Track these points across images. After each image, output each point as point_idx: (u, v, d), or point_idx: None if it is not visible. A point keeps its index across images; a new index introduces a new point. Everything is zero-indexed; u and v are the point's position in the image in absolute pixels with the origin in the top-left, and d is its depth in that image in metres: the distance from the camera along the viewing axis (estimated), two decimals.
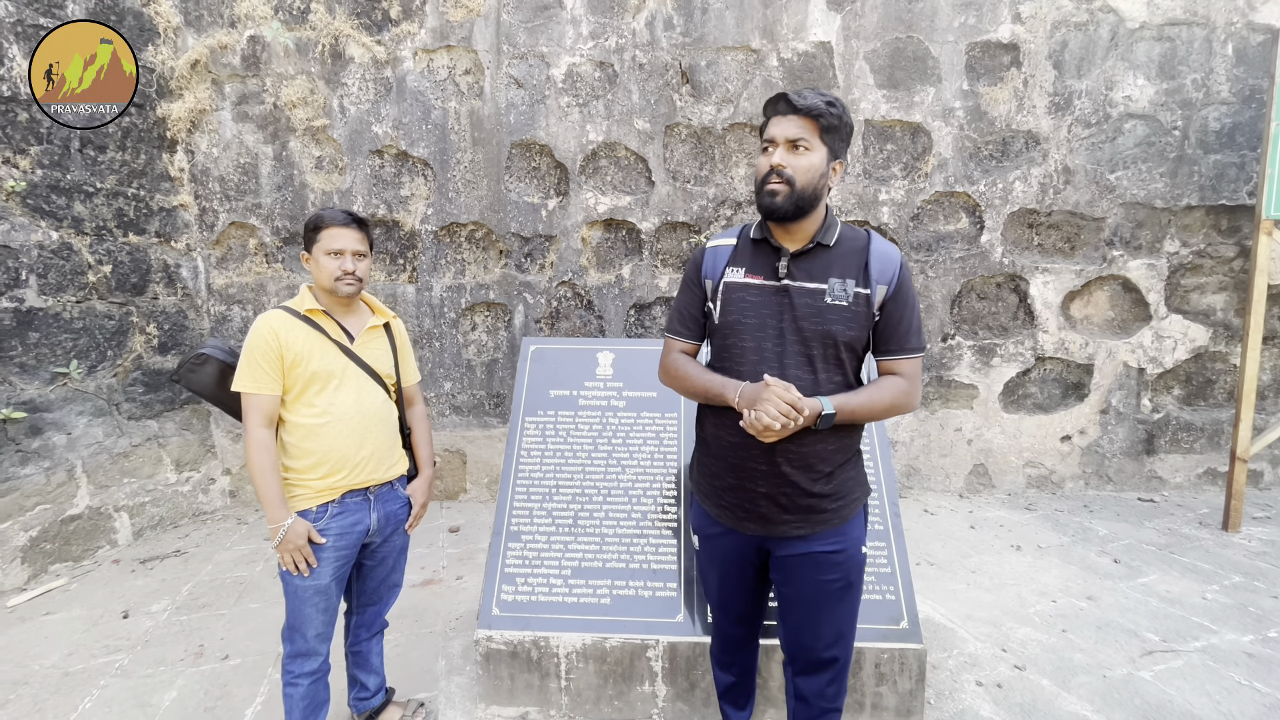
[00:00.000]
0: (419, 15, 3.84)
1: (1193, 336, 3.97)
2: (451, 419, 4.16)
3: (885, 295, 1.37)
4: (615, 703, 2.02)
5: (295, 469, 1.65)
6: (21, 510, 3.05)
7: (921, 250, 3.98)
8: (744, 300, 1.41)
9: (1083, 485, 4.10)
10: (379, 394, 1.75)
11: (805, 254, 1.39)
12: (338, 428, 1.65)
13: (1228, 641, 2.40)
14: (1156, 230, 3.92)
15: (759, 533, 1.44)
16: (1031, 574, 2.99)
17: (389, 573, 1.90)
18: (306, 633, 1.67)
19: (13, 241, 3.05)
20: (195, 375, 1.70)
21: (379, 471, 1.74)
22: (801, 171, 1.31)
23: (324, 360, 1.65)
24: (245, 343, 1.62)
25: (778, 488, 1.38)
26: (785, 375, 1.35)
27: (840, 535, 1.43)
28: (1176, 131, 3.82)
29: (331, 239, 1.66)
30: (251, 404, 1.60)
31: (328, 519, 1.66)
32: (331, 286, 1.68)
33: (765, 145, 1.37)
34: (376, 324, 1.80)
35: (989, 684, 2.18)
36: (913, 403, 1.41)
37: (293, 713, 1.71)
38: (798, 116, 1.32)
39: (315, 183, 3.98)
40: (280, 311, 1.66)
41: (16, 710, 2.13)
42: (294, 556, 1.59)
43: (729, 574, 1.56)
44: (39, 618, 2.74)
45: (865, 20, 3.80)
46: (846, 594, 1.46)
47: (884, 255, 1.39)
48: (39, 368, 3.16)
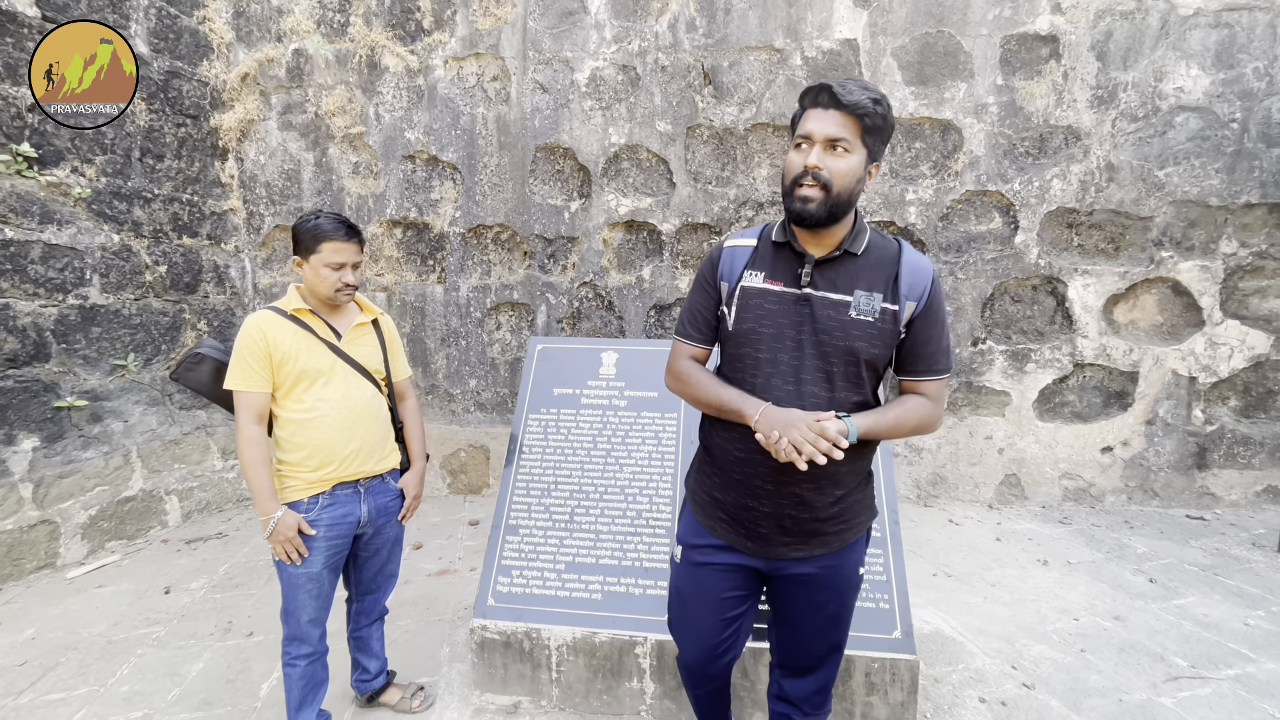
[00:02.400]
0: (450, 25, 3.98)
1: (1251, 344, 3.70)
2: (476, 415, 4.28)
3: (914, 312, 1.28)
4: (604, 697, 2.05)
5: (288, 461, 1.72)
6: (83, 490, 3.33)
7: (951, 251, 3.85)
8: (761, 308, 1.30)
9: (1125, 500, 3.88)
10: (367, 389, 1.82)
11: (830, 262, 1.28)
12: (326, 422, 1.72)
13: (1266, 671, 2.24)
14: (1211, 230, 3.67)
15: (755, 553, 1.37)
16: (1056, 590, 2.86)
17: (384, 563, 1.97)
18: (300, 618, 1.76)
19: (79, 243, 3.33)
20: (192, 374, 1.78)
21: (369, 464, 1.81)
22: (839, 175, 1.19)
23: (311, 358, 1.71)
24: (235, 343, 1.69)
25: (782, 509, 1.31)
26: (801, 390, 1.27)
27: (838, 558, 1.38)
28: (1235, 124, 3.57)
29: (334, 253, 1.70)
30: (242, 401, 1.67)
31: (319, 510, 1.73)
32: (330, 297, 1.74)
33: (799, 141, 1.23)
34: (364, 321, 1.86)
35: (992, 701, 2.11)
36: (937, 424, 1.34)
37: (292, 690, 1.81)
38: (840, 113, 1.18)
39: (352, 187, 4.17)
40: (268, 312, 1.72)
41: (64, 671, 2.34)
42: (284, 547, 1.67)
43: (707, 594, 1.43)
44: (93, 590, 2.99)
45: (893, 16, 3.71)
46: (840, 613, 1.43)
47: (916, 269, 1.28)
48: (100, 360, 3.43)
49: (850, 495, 1.34)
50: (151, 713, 2.11)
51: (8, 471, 3.03)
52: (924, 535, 3.48)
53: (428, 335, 4.24)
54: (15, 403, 3.06)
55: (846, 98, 1.17)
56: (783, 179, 1.27)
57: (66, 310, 3.27)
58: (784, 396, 1.27)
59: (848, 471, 1.31)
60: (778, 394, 1.27)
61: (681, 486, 2.23)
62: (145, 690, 2.23)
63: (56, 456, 3.22)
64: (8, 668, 2.36)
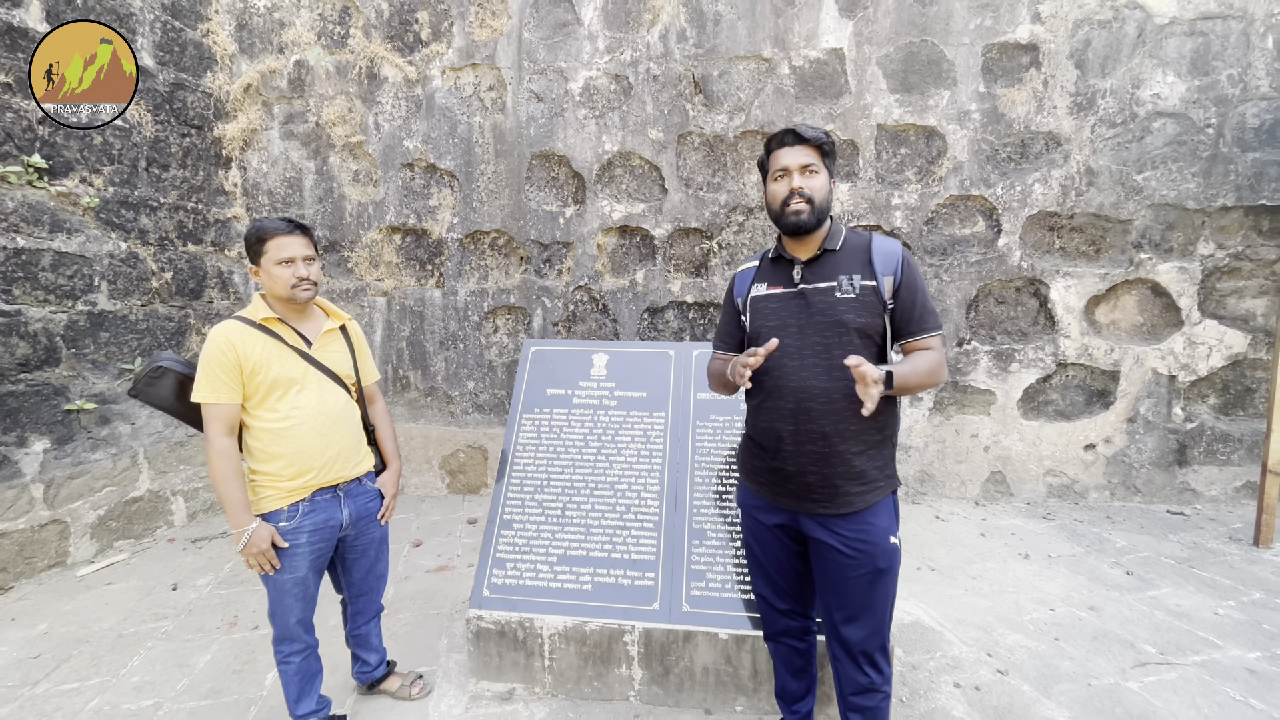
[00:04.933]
0: (447, 36, 4.09)
1: (1229, 343, 3.79)
2: (474, 416, 4.38)
3: (895, 284, 1.51)
4: (595, 683, 2.14)
5: (264, 471, 1.71)
6: (91, 491, 3.42)
7: (936, 254, 3.95)
8: (767, 308, 1.61)
9: (1108, 496, 3.97)
10: (340, 395, 1.84)
11: (816, 260, 1.57)
12: (304, 429, 1.72)
13: (1231, 657, 2.33)
14: (1189, 232, 3.77)
15: (792, 507, 1.58)
16: (1035, 582, 2.95)
17: (373, 563, 2.03)
18: (288, 620, 1.80)
19: (88, 251, 3.43)
20: (153, 389, 1.72)
21: (346, 469, 1.85)
22: (818, 190, 1.53)
23: (283, 366, 1.71)
24: (202, 354, 1.65)
25: (804, 467, 1.52)
26: (803, 363, 1.51)
27: (864, 523, 1.50)
28: (1210, 129, 3.67)
29: (279, 248, 1.70)
30: (212, 414, 1.65)
31: (300, 517, 1.75)
32: (289, 294, 1.72)
33: (778, 174, 1.56)
34: (332, 327, 1.88)
35: (967, 686, 2.20)
36: (944, 375, 1.53)
37: (289, 685, 1.88)
38: (805, 146, 1.54)
39: (353, 194, 4.28)
40: (235, 322, 1.70)
41: (77, 663, 2.43)
42: (258, 560, 1.68)
43: (768, 545, 1.70)
44: (102, 586, 3.08)
45: (878, 26, 3.82)
46: (876, 581, 1.51)
47: (885, 250, 1.55)
48: (108, 364, 3.53)
49: (864, 458, 1.51)
50: (162, 701, 2.20)
51: (19, 473, 3.13)
52: (910, 531, 3.57)
53: (427, 339, 4.34)
54: (27, 406, 3.16)
55: (809, 134, 1.53)
56: (769, 206, 1.60)
57: (76, 316, 3.38)
58: (791, 371, 1.53)
59: (859, 431, 1.49)
60: (786, 371, 1.53)
61: (669, 482, 2.34)
62: (155, 680, 2.32)
63: (66, 458, 3.32)
64: (23, 660, 2.46)
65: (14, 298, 3.11)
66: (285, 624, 1.81)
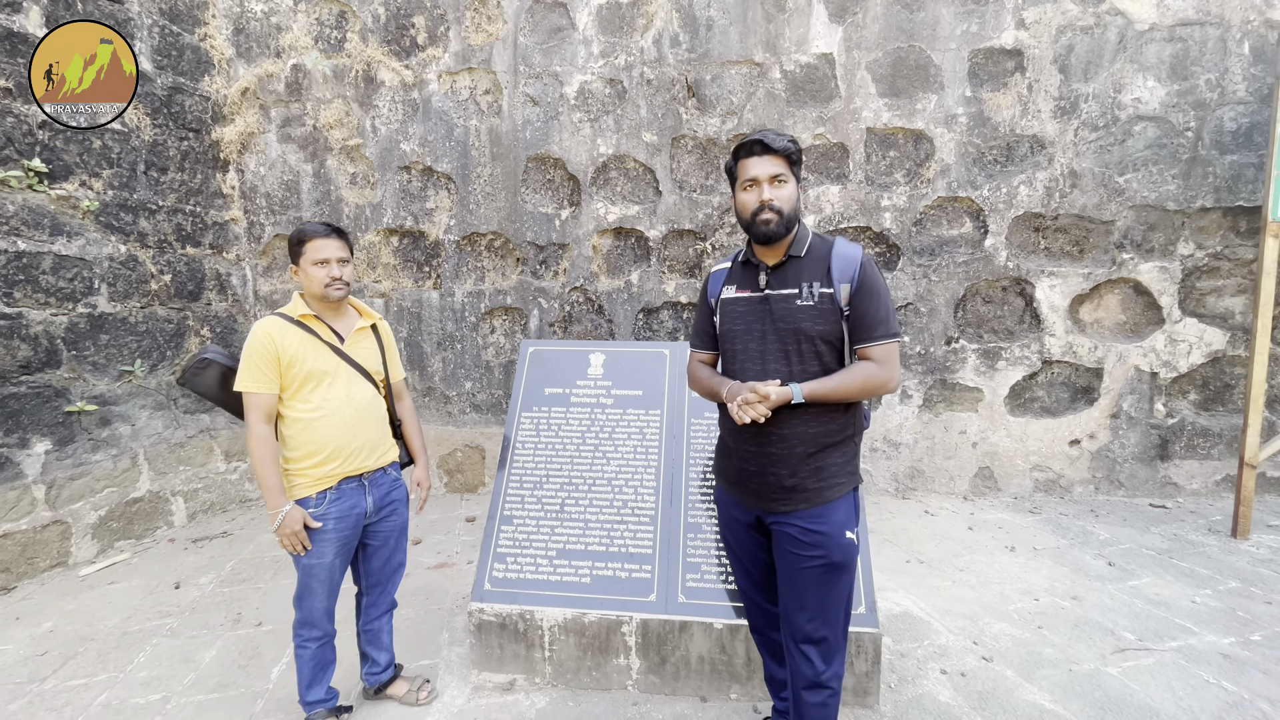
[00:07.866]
0: (443, 40, 4.14)
1: (1209, 340, 3.90)
2: (471, 416, 4.43)
3: (850, 291, 1.52)
4: (593, 673, 2.20)
5: (295, 459, 1.83)
6: (92, 492, 3.46)
7: (924, 255, 4.04)
8: (734, 311, 1.64)
9: (1093, 490, 4.07)
10: (368, 389, 1.96)
11: (781, 266, 1.59)
12: (332, 421, 1.84)
13: (1206, 643, 2.42)
14: (1169, 233, 3.87)
15: (756, 507, 1.64)
16: (1020, 574, 3.04)
17: (392, 553, 2.10)
18: (313, 605, 1.89)
19: (87, 254, 3.46)
20: (199, 378, 1.85)
21: (371, 459, 1.95)
22: (786, 200, 1.53)
23: (317, 360, 1.83)
24: (245, 347, 1.79)
25: (765, 468, 1.57)
26: (765, 368, 1.56)
27: (821, 516, 1.53)
28: (1189, 133, 3.78)
29: (316, 250, 1.83)
30: (252, 402, 1.78)
31: (327, 504, 1.85)
32: (322, 293, 1.85)
33: (747, 184, 1.55)
34: (364, 325, 2.00)
35: (953, 672, 2.28)
36: (888, 384, 1.52)
37: (303, 670, 1.95)
38: (773, 156, 1.53)
39: (350, 197, 4.32)
40: (275, 318, 1.84)
41: (84, 660, 2.48)
42: (290, 540, 1.79)
43: (742, 541, 1.76)
44: (105, 586, 3.12)
45: (867, 31, 3.90)
46: (830, 575, 1.54)
47: (844, 257, 1.55)
48: (108, 366, 3.56)
49: (823, 456, 1.55)
50: (170, 695, 2.25)
51: (21, 474, 3.16)
52: (900, 525, 3.65)
53: (424, 339, 4.39)
54: (28, 408, 3.19)
55: (776, 144, 1.52)
56: (739, 215, 1.60)
57: (76, 318, 3.41)
58: (753, 375, 1.58)
59: (817, 433, 1.54)
60: (749, 374, 1.58)
61: (665, 477, 2.41)
62: (162, 675, 2.37)
63: (67, 459, 3.35)
64: (30, 658, 2.50)
65: (15, 300, 3.14)
66: (310, 609, 1.90)
